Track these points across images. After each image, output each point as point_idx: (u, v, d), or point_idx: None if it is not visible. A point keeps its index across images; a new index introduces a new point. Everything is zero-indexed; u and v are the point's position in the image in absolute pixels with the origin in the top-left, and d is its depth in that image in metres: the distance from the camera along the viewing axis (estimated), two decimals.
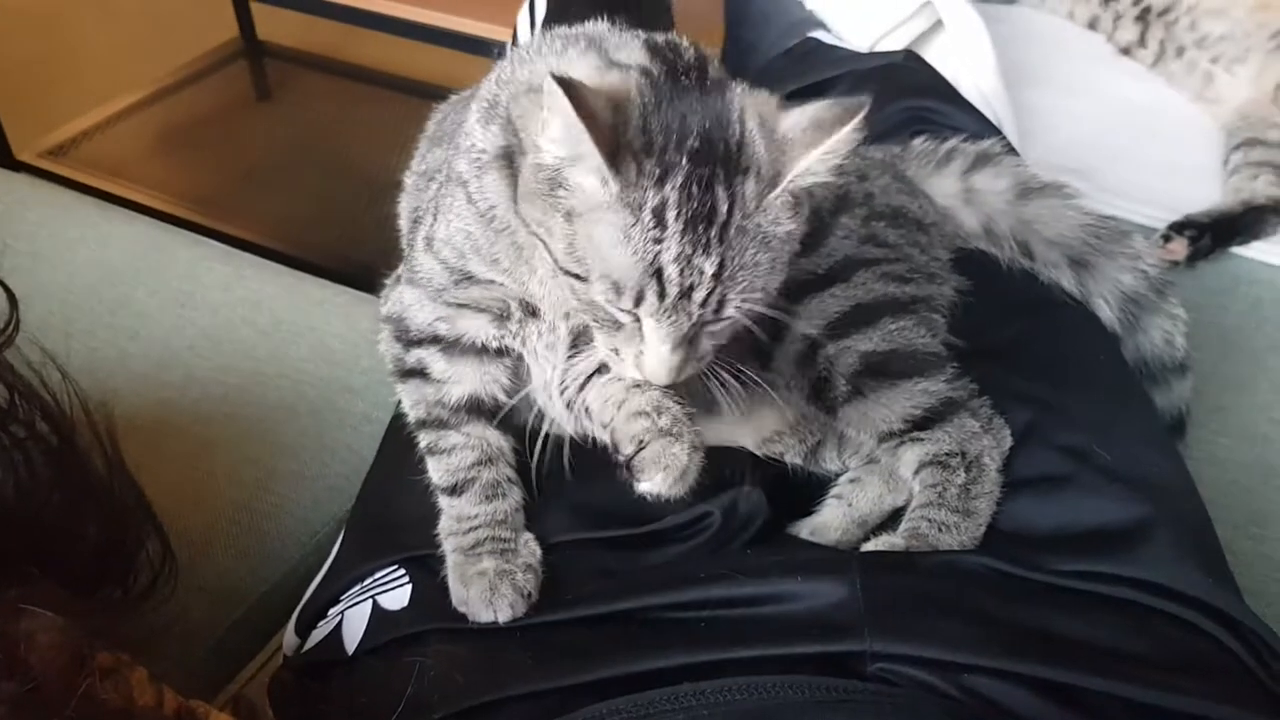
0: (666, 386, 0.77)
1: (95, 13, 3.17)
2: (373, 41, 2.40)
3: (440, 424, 0.86)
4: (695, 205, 0.67)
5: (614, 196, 0.67)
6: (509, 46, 1.61)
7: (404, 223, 1.02)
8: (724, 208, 0.68)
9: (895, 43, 1.55)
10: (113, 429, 0.85)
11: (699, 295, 0.69)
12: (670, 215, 0.67)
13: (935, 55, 1.52)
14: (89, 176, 2.42)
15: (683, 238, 0.67)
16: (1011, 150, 1.15)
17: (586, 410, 0.84)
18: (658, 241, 0.67)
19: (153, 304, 1.34)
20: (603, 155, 0.65)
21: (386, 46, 2.27)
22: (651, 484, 0.77)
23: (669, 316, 0.69)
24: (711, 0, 1.85)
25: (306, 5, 1.97)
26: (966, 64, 1.50)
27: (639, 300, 0.69)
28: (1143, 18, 1.82)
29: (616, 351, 0.75)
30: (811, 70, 1.46)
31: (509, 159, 0.77)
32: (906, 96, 1.32)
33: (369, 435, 1.16)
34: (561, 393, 0.85)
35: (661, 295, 0.68)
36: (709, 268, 0.68)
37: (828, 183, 0.72)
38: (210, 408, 1.21)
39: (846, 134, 0.69)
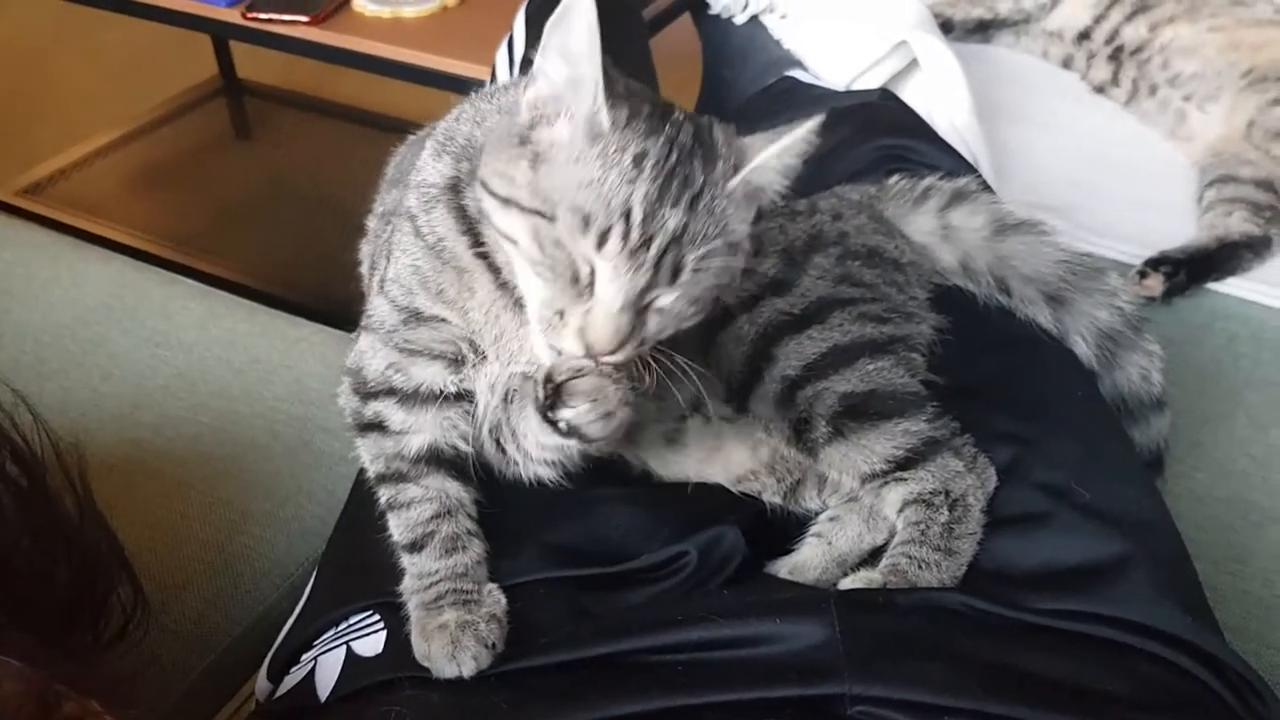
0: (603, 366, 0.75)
1: (74, 50, 3.17)
2: (352, 80, 2.40)
3: (399, 477, 0.85)
4: (673, 165, 0.70)
5: (603, 132, 0.69)
6: (487, 84, 1.63)
7: (365, 269, 1.01)
8: (699, 180, 0.71)
9: (871, 81, 1.57)
10: (84, 470, 0.84)
11: (659, 243, 0.70)
12: (648, 164, 0.70)
13: (911, 94, 1.53)
14: (66, 214, 2.39)
15: (654, 183, 0.69)
16: (987, 188, 1.16)
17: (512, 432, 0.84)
18: (631, 183, 0.69)
19: (126, 343, 1.33)
20: (604, 84, 0.69)
21: (366, 85, 2.27)
22: (575, 412, 0.75)
23: (628, 264, 0.70)
24: (689, 38, 1.86)
25: (286, 44, 1.97)
26: (942, 102, 1.51)
27: (603, 240, 0.69)
28: (1116, 57, 1.84)
29: (561, 315, 0.73)
30: (788, 108, 1.47)
31: (455, 190, 0.80)
32: (882, 135, 1.33)
33: (344, 476, 1.15)
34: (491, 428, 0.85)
35: (626, 237, 0.69)
36: (673, 222, 0.70)
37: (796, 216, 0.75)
38: (184, 448, 1.19)
39: (803, 133, 0.73)
